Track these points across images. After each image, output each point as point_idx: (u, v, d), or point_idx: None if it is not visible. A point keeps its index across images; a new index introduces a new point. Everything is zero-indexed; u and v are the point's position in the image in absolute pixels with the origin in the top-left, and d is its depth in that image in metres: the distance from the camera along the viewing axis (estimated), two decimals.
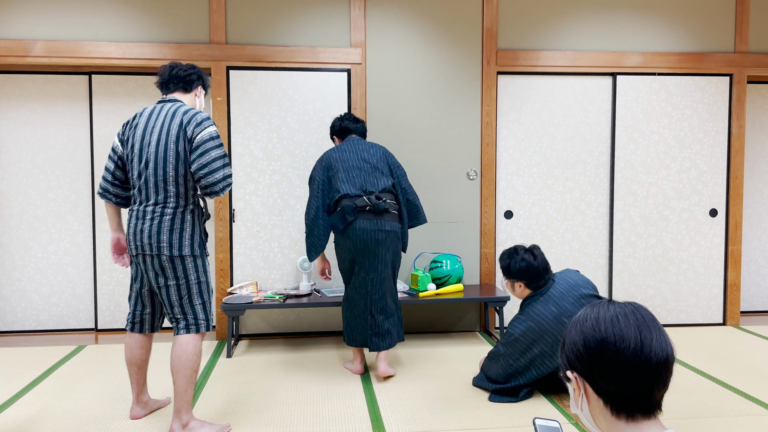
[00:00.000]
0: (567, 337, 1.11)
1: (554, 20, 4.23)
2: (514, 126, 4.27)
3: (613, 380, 1.02)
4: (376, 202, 3.17)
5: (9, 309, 4.18)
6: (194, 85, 2.68)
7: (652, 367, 1.01)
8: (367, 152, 3.32)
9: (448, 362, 3.54)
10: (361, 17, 4.06)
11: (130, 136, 2.56)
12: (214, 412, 2.79)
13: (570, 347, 1.09)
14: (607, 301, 1.12)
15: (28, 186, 4.14)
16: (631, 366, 1.01)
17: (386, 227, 3.19)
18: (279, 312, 4.16)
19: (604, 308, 1.08)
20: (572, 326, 1.11)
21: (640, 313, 1.06)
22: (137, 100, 4.15)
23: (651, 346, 1.01)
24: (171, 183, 2.46)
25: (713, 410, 2.81)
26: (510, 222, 4.29)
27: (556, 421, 1.28)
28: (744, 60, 4.33)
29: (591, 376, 1.05)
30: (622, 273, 4.37)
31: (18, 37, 3.88)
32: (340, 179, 3.23)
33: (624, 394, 1.02)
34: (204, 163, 2.42)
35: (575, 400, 1.11)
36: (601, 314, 1.07)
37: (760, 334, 4.17)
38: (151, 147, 2.48)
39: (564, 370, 1.11)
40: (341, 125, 3.46)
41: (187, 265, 2.48)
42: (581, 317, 1.10)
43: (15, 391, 3.08)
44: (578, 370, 1.08)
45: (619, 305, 1.08)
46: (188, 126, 2.46)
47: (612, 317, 1.05)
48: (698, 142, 4.37)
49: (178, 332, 2.50)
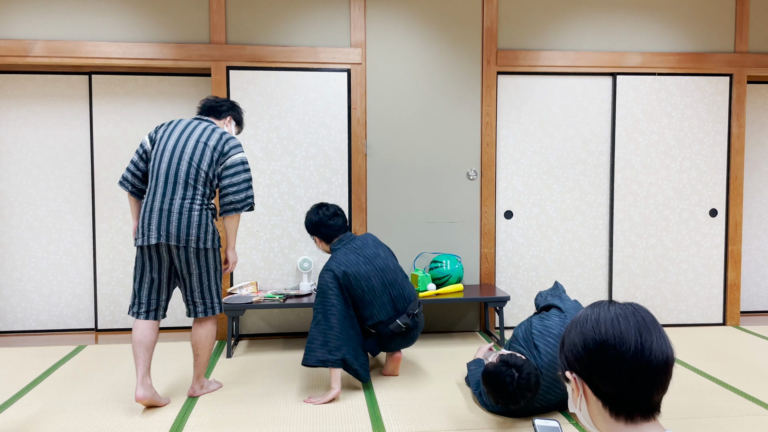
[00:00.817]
0: (566, 337, 1.10)
1: (554, 20, 4.23)
2: (514, 126, 4.27)
3: (612, 383, 1.02)
4: (412, 323, 3.09)
5: (9, 309, 4.18)
6: (224, 114, 3.05)
7: (652, 369, 1.00)
8: (381, 259, 3.07)
9: (448, 362, 3.54)
10: (361, 17, 4.06)
11: (164, 136, 2.85)
12: (215, 412, 2.79)
13: (569, 348, 1.08)
14: (607, 301, 1.11)
15: (28, 186, 4.14)
16: (631, 369, 1.00)
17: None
18: (279, 312, 4.16)
19: (605, 309, 1.07)
20: (572, 327, 1.10)
21: (640, 315, 1.05)
22: (137, 100, 4.15)
23: (651, 348, 1.01)
24: (200, 182, 2.79)
25: (713, 410, 2.81)
26: (510, 222, 4.30)
27: (555, 421, 1.28)
28: (744, 60, 4.33)
29: (590, 377, 1.05)
30: (622, 273, 4.37)
31: (18, 37, 3.88)
32: (367, 302, 2.98)
33: (623, 396, 1.02)
34: (234, 182, 2.83)
35: (574, 400, 1.11)
36: (601, 315, 1.06)
37: (760, 334, 4.17)
38: (188, 148, 2.80)
39: (563, 371, 1.11)
40: (325, 226, 3.12)
41: (209, 256, 2.84)
42: (581, 318, 1.09)
43: (15, 391, 3.08)
44: (577, 371, 1.07)
45: (619, 306, 1.08)
46: (226, 144, 2.84)
47: (612, 319, 1.04)
48: (698, 142, 4.37)
49: (198, 315, 2.88)
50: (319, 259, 4.13)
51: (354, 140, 4.09)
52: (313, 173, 4.10)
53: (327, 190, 4.11)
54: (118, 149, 4.15)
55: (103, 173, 4.14)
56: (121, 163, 4.16)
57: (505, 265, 4.31)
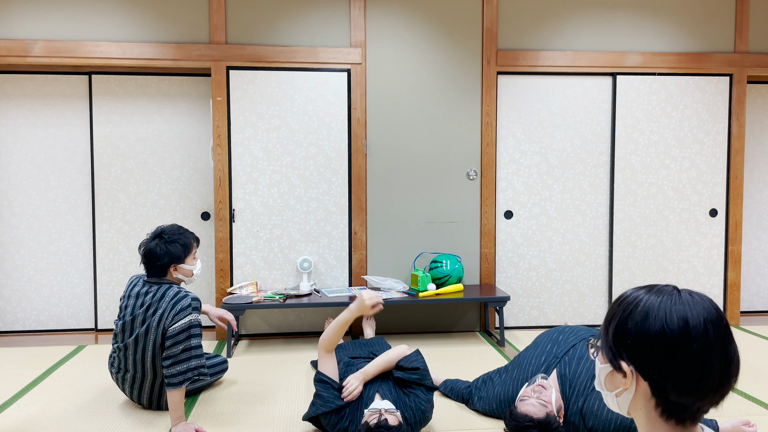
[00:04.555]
0: (635, 326, 0.93)
1: (554, 20, 4.23)
2: (514, 126, 4.27)
3: (689, 394, 0.89)
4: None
5: (9, 309, 4.18)
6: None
7: (731, 384, 0.90)
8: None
9: (448, 362, 3.54)
10: (361, 17, 4.06)
11: None
12: (214, 412, 2.79)
13: (641, 341, 0.91)
14: (684, 291, 0.94)
15: (28, 186, 4.14)
16: (715, 382, 0.89)
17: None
18: (279, 312, 4.16)
19: (689, 308, 0.91)
20: (645, 315, 0.92)
21: (725, 319, 0.92)
22: (137, 100, 4.15)
23: (735, 363, 0.90)
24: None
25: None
26: (510, 222, 4.30)
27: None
28: (744, 60, 4.33)
29: (659, 382, 0.90)
30: (622, 273, 4.37)
31: (18, 37, 3.88)
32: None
33: (693, 407, 0.90)
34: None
35: (612, 385, 0.97)
36: (689, 317, 0.90)
37: (760, 334, 4.17)
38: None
39: (616, 359, 0.95)
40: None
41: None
42: (661, 309, 0.91)
43: (15, 391, 3.08)
44: (640, 367, 0.92)
45: (701, 303, 0.91)
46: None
47: (702, 324, 0.89)
48: (698, 142, 4.37)
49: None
50: (319, 259, 4.13)
51: (354, 140, 4.09)
52: (313, 173, 4.10)
53: (327, 190, 4.11)
54: (118, 149, 4.15)
55: (103, 173, 4.14)
56: (121, 163, 4.16)
57: (505, 265, 4.31)
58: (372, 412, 2.30)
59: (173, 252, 2.74)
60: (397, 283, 3.99)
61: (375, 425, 2.20)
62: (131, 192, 4.18)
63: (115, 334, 2.78)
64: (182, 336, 2.59)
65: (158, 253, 2.72)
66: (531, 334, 4.15)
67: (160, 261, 2.72)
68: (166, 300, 2.66)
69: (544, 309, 4.35)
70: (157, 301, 2.67)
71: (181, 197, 4.24)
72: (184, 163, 4.22)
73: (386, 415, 2.27)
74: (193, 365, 2.60)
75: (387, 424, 2.21)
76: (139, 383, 2.75)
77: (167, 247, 2.73)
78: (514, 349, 3.81)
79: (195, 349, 2.62)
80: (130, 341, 2.69)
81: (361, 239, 4.14)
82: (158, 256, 2.72)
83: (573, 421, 2.45)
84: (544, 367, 2.68)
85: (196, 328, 2.64)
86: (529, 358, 2.78)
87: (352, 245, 4.15)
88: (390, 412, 2.30)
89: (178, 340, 2.59)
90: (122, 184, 4.17)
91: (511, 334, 4.19)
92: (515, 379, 2.72)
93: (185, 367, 2.57)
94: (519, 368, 2.77)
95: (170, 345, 2.59)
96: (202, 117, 4.22)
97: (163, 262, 2.73)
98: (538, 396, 2.41)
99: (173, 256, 2.75)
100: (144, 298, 2.70)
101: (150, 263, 2.74)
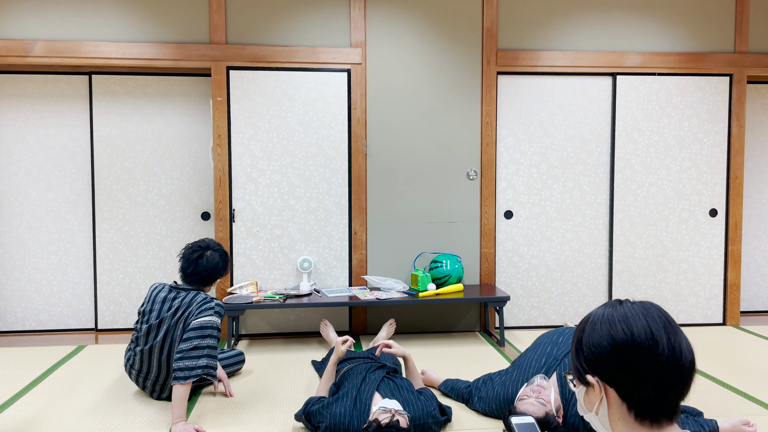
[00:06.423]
0: (587, 339, 1.03)
1: (554, 20, 4.24)
2: (514, 126, 4.27)
3: (646, 387, 0.97)
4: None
5: (9, 309, 4.18)
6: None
7: (685, 371, 0.97)
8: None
9: (448, 362, 3.54)
10: (361, 17, 4.06)
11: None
12: (214, 412, 2.79)
13: (593, 350, 1.01)
14: (624, 301, 1.05)
15: (28, 186, 4.15)
16: (667, 371, 0.96)
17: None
18: (279, 312, 4.16)
19: (629, 309, 1.02)
20: (592, 328, 1.03)
21: (664, 315, 1.00)
22: (137, 100, 4.15)
23: (681, 349, 0.97)
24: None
25: (713, 410, 2.81)
26: (510, 222, 4.30)
27: (531, 417, 1.30)
28: (744, 60, 4.33)
29: (620, 382, 0.99)
30: (622, 273, 4.37)
31: (18, 37, 3.88)
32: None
33: (656, 400, 0.97)
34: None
35: (590, 404, 1.05)
36: (628, 315, 1.00)
37: (760, 334, 4.17)
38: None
39: (582, 374, 1.04)
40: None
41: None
42: (604, 318, 1.02)
43: (15, 391, 3.08)
44: (601, 375, 1.01)
45: (640, 305, 1.02)
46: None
47: (640, 319, 0.99)
48: (698, 142, 4.37)
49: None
50: (319, 259, 4.13)
51: (354, 140, 4.10)
52: (313, 173, 4.10)
53: (327, 190, 4.11)
54: (118, 149, 4.15)
55: (103, 173, 4.14)
56: (121, 163, 4.16)
57: (505, 265, 4.31)
58: (383, 411, 2.30)
59: (226, 267, 2.93)
60: (397, 283, 4.00)
61: (386, 425, 2.20)
62: (131, 192, 4.18)
63: (137, 337, 2.85)
64: (197, 333, 2.65)
65: (220, 266, 2.87)
66: (531, 334, 4.15)
67: (219, 274, 2.89)
68: (194, 303, 2.76)
69: (544, 309, 4.36)
70: (187, 304, 2.76)
71: (181, 197, 4.24)
72: (185, 163, 4.22)
73: (398, 416, 2.27)
74: (203, 363, 2.62)
75: (398, 425, 2.22)
76: (161, 383, 2.85)
77: (223, 260, 2.90)
78: (513, 349, 3.81)
79: (207, 349, 2.65)
80: (155, 343, 2.76)
81: (361, 239, 4.14)
82: (219, 271, 2.87)
83: (573, 423, 2.45)
84: (544, 368, 2.68)
85: (214, 330, 2.70)
86: (529, 359, 2.78)
87: (352, 245, 4.15)
88: (400, 414, 2.30)
89: (192, 336, 2.65)
90: (122, 184, 4.17)
91: (511, 334, 4.19)
92: (515, 379, 2.72)
93: (194, 363, 2.60)
94: (519, 369, 2.77)
95: (184, 339, 2.65)
96: (203, 117, 4.22)
97: (221, 275, 2.90)
98: (538, 395, 2.41)
99: (225, 271, 2.93)
100: (171, 303, 2.80)
101: (201, 273, 2.84)
